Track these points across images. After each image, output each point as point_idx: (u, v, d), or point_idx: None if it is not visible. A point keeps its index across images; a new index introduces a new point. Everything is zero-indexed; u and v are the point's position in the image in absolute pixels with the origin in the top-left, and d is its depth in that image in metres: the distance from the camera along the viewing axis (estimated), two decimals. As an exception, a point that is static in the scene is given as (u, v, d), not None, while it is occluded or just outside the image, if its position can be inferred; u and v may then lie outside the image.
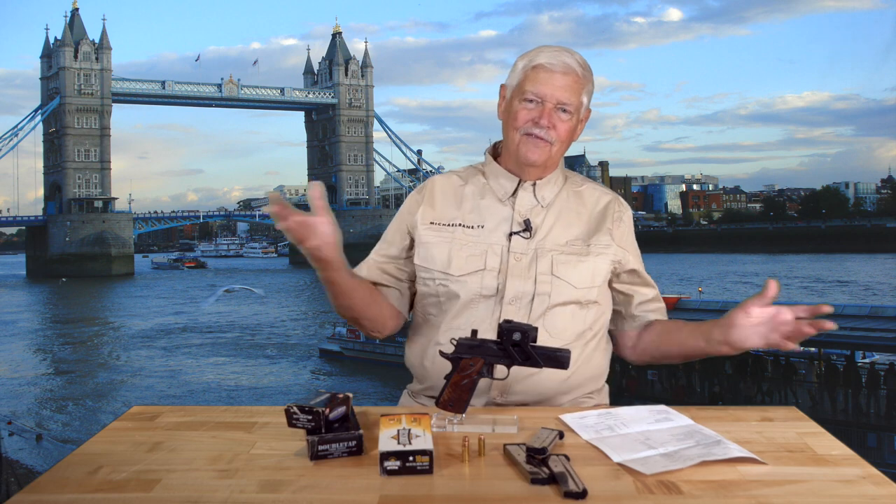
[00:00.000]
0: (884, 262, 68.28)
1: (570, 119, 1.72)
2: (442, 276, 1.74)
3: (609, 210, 1.81)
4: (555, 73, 1.70)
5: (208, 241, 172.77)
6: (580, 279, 1.72)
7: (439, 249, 1.75)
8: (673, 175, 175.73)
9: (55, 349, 33.47)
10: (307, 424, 1.32)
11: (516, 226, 1.74)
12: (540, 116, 1.70)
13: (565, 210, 1.77)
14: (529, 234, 1.73)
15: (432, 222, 1.78)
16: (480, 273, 1.71)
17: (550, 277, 1.71)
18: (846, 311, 18.22)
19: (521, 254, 1.72)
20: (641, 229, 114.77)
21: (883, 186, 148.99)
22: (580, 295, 1.73)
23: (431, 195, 1.81)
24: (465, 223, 1.76)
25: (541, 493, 1.15)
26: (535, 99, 1.71)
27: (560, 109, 1.71)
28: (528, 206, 1.76)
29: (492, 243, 1.73)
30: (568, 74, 1.70)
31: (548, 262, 1.72)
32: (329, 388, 5.06)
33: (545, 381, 1.68)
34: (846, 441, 1.37)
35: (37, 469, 15.59)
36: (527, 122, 1.71)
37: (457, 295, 1.72)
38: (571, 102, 1.71)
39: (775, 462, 1.26)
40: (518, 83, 1.74)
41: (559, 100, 1.70)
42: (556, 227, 1.75)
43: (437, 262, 1.74)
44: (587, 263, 1.73)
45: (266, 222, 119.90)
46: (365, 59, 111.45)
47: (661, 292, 1.88)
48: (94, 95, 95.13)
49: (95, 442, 1.41)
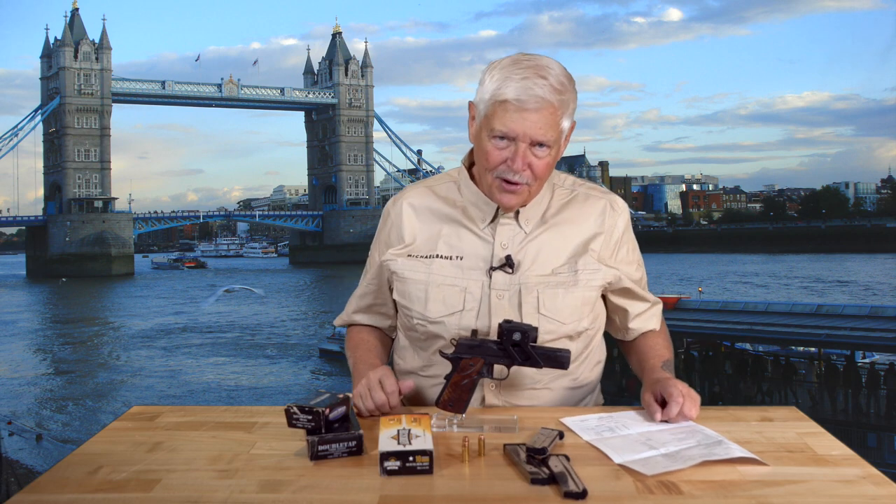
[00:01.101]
0: (884, 262, 68.29)
1: (548, 154, 1.56)
2: (420, 316, 1.67)
3: (600, 222, 1.69)
4: (525, 111, 1.50)
5: (208, 241, 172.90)
6: (569, 314, 1.64)
7: (416, 287, 1.67)
8: (673, 175, 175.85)
9: (55, 349, 33.48)
10: (307, 424, 1.32)
11: (496, 261, 1.63)
12: (513, 159, 1.54)
13: (551, 234, 1.65)
14: (511, 271, 1.63)
15: (409, 255, 1.69)
16: (458, 314, 1.63)
17: (537, 316, 1.61)
18: (846, 311, 18.23)
19: (503, 290, 1.62)
20: (641, 229, 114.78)
21: (883, 186, 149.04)
22: (569, 329, 1.65)
23: (409, 223, 1.71)
24: (443, 254, 1.66)
25: (541, 493, 1.15)
26: (504, 135, 1.53)
27: (537, 145, 1.54)
28: (509, 236, 1.64)
29: (471, 280, 1.63)
30: (542, 110, 1.51)
31: (533, 300, 1.62)
32: (329, 388, 5.05)
33: (546, 399, 1.68)
34: (846, 441, 1.37)
35: (37, 469, 15.60)
36: (499, 165, 1.56)
37: (438, 335, 1.66)
38: (548, 138, 1.53)
39: (775, 462, 1.26)
40: (486, 116, 1.55)
41: (533, 138, 1.53)
42: (540, 255, 1.64)
43: (414, 302, 1.67)
44: (575, 294, 1.64)
45: (266, 222, 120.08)
46: (365, 59, 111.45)
47: (661, 292, 1.87)
48: (94, 95, 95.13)
49: (95, 442, 1.41)
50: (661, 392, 1.51)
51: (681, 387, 1.50)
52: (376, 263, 1.77)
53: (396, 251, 1.71)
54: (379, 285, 1.78)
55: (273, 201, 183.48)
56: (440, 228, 1.68)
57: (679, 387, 1.50)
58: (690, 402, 1.47)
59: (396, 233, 1.72)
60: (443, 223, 1.68)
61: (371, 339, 1.81)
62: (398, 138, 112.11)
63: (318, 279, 71.96)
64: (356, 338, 1.83)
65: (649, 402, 1.51)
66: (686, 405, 1.46)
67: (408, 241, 1.70)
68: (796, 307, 20.50)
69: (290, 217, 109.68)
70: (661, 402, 1.50)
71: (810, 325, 16.94)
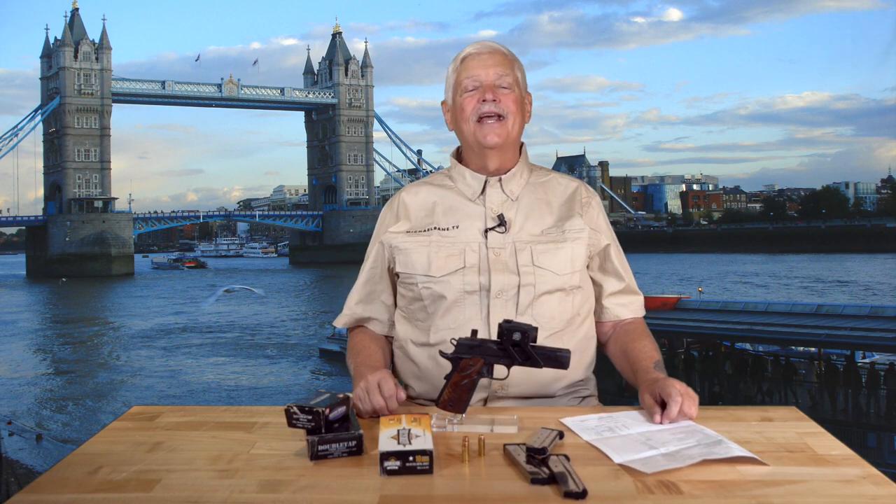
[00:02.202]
0: (884, 262, 68.27)
1: (511, 92, 1.78)
2: (424, 278, 1.76)
3: (576, 196, 1.85)
4: (482, 55, 1.79)
5: (208, 241, 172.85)
6: (561, 266, 1.76)
7: (418, 254, 1.78)
8: (673, 175, 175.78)
9: (55, 349, 33.47)
10: (307, 424, 1.32)
11: (490, 221, 1.77)
12: (483, 94, 1.76)
13: (535, 201, 1.81)
14: (505, 229, 1.76)
15: (408, 231, 1.81)
16: (461, 271, 1.74)
17: (533, 268, 1.74)
18: (846, 311, 18.22)
19: (500, 248, 1.75)
20: (641, 229, 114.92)
21: (883, 186, 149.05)
22: (563, 282, 1.76)
23: (405, 208, 1.84)
24: (440, 226, 1.78)
25: (541, 493, 1.15)
26: (474, 86, 1.78)
27: (499, 87, 1.77)
28: (498, 201, 1.79)
29: (469, 241, 1.76)
30: (495, 54, 1.80)
31: (528, 254, 1.74)
32: (329, 388, 5.05)
33: (541, 372, 1.68)
34: (846, 441, 1.37)
35: (37, 469, 15.59)
36: (474, 108, 1.77)
37: (442, 295, 1.74)
38: (507, 76, 1.78)
39: (775, 462, 1.26)
40: (454, 83, 1.82)
41: (495, 77, 1.77)
42: (529, 219, 1.78)
43: (417, 267, 1.77)
44: (565, 249, 1.77)
45: (266, 222, 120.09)
46: (365, 59, 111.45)
47: (661, 292, 1.89)
48: (94, 95, 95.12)
49: (95, 442, 1.41)
50: (659, 392, 1.52)
51: (678, 386, 1.51)
52: (376, 247, 1.87)
53: (396, 229, 1.83)
54: (380, 269, 1.87)
55: (273, 201, 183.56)
56: (435, 204, 1.82)
57: (677, 386, 1.51)
58: (689, 401, 1.49)
59: (393, 215, 1.87)
60: (437, 200, 1.83)
61: (372, 345, 1.84)
62: (398, 138, 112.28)
63: (318, 279, 71.93)
64: (357, 344, 1.86)
65: (650, 404, 1.52)
66: (685, 404, 1.48)
67: (410, 223, 1.82)
68: (796, 307, 20.49)
69: (290, 217, 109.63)
70: (660, 402, 1.51)
71: (810, 325, 16.92)
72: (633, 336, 1.80)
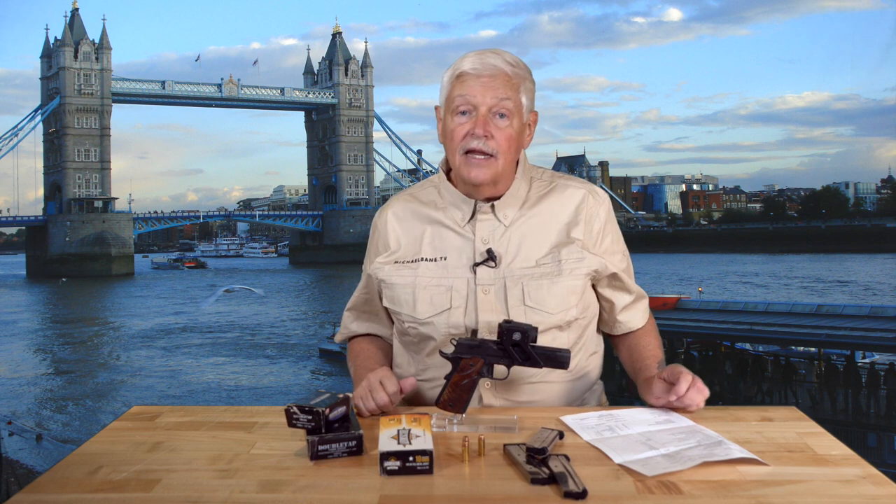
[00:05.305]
0: (884, 262, 68.26)
1: (509, 125, 1.60)
2: (410, 318, 1.69)
3: (582, 208, 1.69)
4: (482, 76, 1.59)
5: (208, 241, 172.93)
6: (555, 304, 1.63)
7: (403, 291, 1.68)
8: (673, 175, 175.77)
9: (55, 349, 33.46)
10: (307, 424, 1.32)
11: (479, 256, 1.64)
12: (474, 127, 1.59)
13: (532, 225, 1.66)
14: (494, 264, 1.64)
15: (396, 261, 1.71)
16: (447, 312, 1.64)
17: (523, 308, 1.62)
18: (846, 311, 18.22)
19: (489, 285, 1.63)
20: (641, 229, 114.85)
21: (883, 186, 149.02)
22: (558, 320, 1.64)
23: (395, 236, 1.74)
24: (427, 257, 1.68)
25: (541, 493, 1.15)
26: (466, 109, 1.60)
27: (496, 115, 1.59)
28: (488, 230, 1.65)
29: (456, 277, 1.65)
30: (496, 76, 1.59)
31: (518, 292, 1.62)
32: (329, 388, 5.06)
33: (546, 393, 1.68)
34: (846, 441, 1.37)
35: (37, 469, 15.59)
36: (464, 138, 1.60)
37: (430, 336, 1.68)
38: (507, 100, 1.59)
39: (775, 462, 1.26)
40: (447, 97, 1.63)
41: (492, 102, 1.58)
42: (523, 248, 1.65)
43: (403, 305, 1.69)
44: (561, 285, 1.64)
45: (266, 222, 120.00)
46: (365, 59, 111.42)
47: (661, 292, 1.88)
48: (94, 95, 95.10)
49: (95, 442, 1.41)
50: (669, 375, 1.54)
51: (689, 373, 1.52)
52: (366, 275, 1.80)
53: (383, 259, 1.74)
54: (370, 295, 1.81)
55: (273, 201, 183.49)
56: (423, 232, 1.70)
57: (687, 373, 1.52)
58: (696, 391, 1.49)
59: (383, 242, 1.76)
60: (425, 227, 1.71)
61: (371, 347, 1.83)
62: (398, 138, 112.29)
63: (318, 279, 71.91)
64: (357, 348, 1.85)
65: (661, 386, 1.55)
66: (693, 389, 1.49)
67: (393, 249, 1.73)
68: (796, 307, 20.48)
69: (290, 217, 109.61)
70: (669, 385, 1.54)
71: (810, 325, 16.92)
72: (640, 332, 1.79)
